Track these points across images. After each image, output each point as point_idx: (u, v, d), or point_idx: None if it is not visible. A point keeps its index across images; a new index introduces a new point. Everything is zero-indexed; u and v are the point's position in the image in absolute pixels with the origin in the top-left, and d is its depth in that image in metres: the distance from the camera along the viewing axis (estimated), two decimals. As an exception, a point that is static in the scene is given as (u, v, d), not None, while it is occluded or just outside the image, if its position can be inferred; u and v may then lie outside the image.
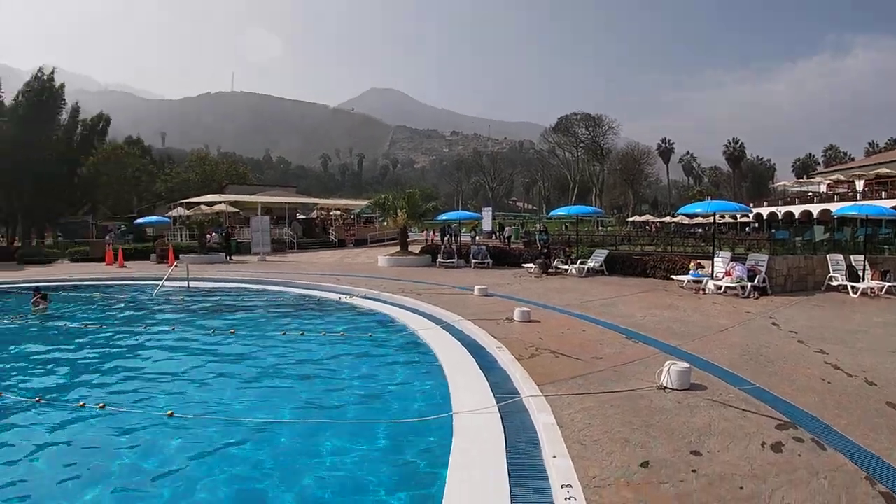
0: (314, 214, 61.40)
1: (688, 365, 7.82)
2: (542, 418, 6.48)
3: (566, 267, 24.53)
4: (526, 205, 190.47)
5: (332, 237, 51.18)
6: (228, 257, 37.08)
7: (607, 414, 6.63)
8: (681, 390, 7.53)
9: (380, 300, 17.06)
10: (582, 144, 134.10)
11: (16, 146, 56.67)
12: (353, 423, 7.31)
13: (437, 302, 15.24)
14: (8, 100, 61.50)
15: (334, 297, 18.72)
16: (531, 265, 24.95)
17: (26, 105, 61.12)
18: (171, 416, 7.66)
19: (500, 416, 6.79)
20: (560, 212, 31.05)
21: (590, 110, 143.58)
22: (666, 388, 7.60)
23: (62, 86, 64.17)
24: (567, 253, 26.36)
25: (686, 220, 60.93)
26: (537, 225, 54.70)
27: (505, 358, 9.27)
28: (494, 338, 10.64)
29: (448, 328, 12.13)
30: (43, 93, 62.14)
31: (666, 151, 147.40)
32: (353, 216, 60.62)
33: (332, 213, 60.77)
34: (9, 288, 24.24)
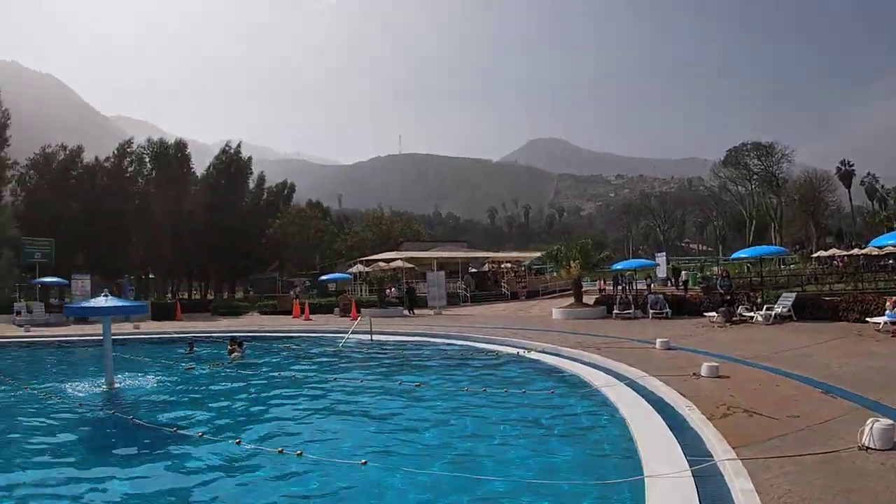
0: (486, 268, 62.35)
1: (892, 422, 7.41)
2: (740, 483, 6.32)
3: (751, 314, 23.58)
4: (700, 246, 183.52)
5: (504, 290, 51.72)
6: (411, 311, 38.12)
7: (807, 479, 6.42)
8: (884, 450, 7.15)
9: (559, 355, 17.09)
10: (755, 176, 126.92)
11: (210, 211, 62.72)
12: (541, 484, 7.31)
13: (618, 356, 15.10)
14: (199, 171, 68.63)
15: (513, 351, 18.95)
16: (713, 314, 24.16)
17: (217, 175, 67.84)
18: (364, 464, 8.04)
19: (693, 480, 6.65)
20: (742, 254, 30.00)
21: (757, 137, 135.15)
22: (868, 448, 7.25)
23: (249, 158, 70.76)
24: (751, 298, 25.36)
25: (875, 251, 56.67)
26: (715, 268, 52.82)
27: (695, 417, 9.06)
28: (682, 395, 10.43)
29: (632, 385, 12.01)
30: (231, 164, 68.85)
31: (846, 175, 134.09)
32: (523, 268, 61.01)
33: (503, 265, 61.51)
34: (206, 336, 26.58)
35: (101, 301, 15.47)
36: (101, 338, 19.63)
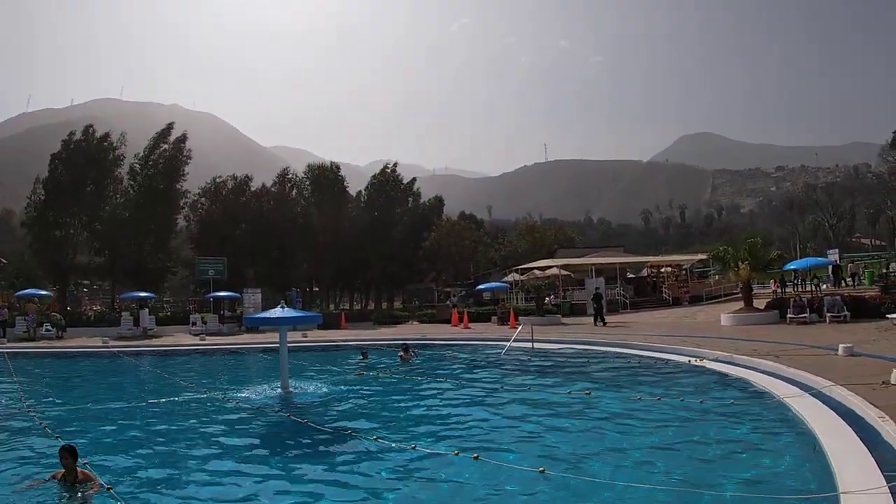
0: (644, 273, 60.97)
1: None
2: (945, 501, 5.85)
3: (940, 315, 21.90)
4: (873, 241, 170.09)
5: (665, 295, 50.29)
6: (600, 321, 33.89)
7: None
8: None
9: (733, 363, 16.50)
10: None
11: (369, 227, 65.86)
12: (726, 497, 7.06)
13: (797, 364, 14.30)
14: (354, 191, 72.43)
15: (682, 359, 18.47)
16: (896, 315, 22.54)
17: (374, 194, 71.28)
18: (542, 472, 7.98)
19: (892, 497, 6.21)
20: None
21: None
22: None
23: (413, 179, 74.84)
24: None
25: None
26: (893, 265, 49.33)
27: (889, 430, 8.44)
28: (874, 406, 9.68)
29: (817, 395, 11.36)
30: (386, 184, 72.02)
31: None
32: (684, 272, 59.11)
33: (662, 270, 59.83)
34: (372, 344, 27.74)
35: (279, 312, 16.38)
36: (271, 346, 20.88)
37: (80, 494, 7.93)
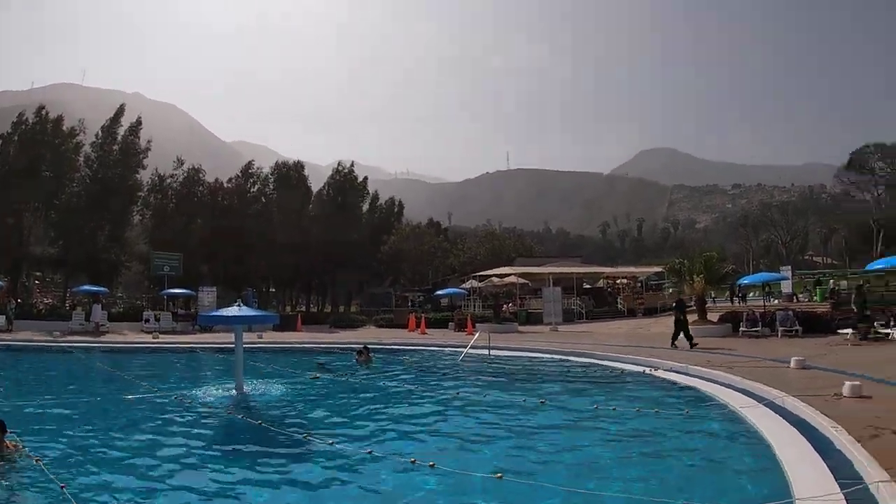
0: (600, 283, 61.44)
1: None
2: (897, 506, 5.93)
3: (887, 331, 22.33)
4: (825, 259, 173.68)
5: (620, 306, 50.71)
6: (691, 344, 23.53)
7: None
8: None
9: (688, 374, 16.63)
10: (883, 181, 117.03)
11: (327, 228, 65.03)
12: None
13: (751, 376, 14.48)
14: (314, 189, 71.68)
15: (638, 369, 18.61)
16: (847, 331, 22.95)
17: (333, 194, 70.53)
18: (500, 478, 7.91)
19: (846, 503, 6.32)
20: (879, 264, 28.41)
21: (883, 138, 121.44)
22: None
23: (366, 178, 73.73)
24: (890, 314, 23.94)
25: None
26: (844, 282, 50.25)
27: (842, 439, 8.55)
28: (826, 416, 9.83)
29: (770, 405, 11.50)
30: (346, 183, 71.33)
31: None
32: (640, 284, 59.73)
33: (618, 281, 60.37)
34: (327, 348, 27.91)
35: (234, 310, 16.03)
36: (226, 346, 20.49)
37: (7, 462, 8.46)
